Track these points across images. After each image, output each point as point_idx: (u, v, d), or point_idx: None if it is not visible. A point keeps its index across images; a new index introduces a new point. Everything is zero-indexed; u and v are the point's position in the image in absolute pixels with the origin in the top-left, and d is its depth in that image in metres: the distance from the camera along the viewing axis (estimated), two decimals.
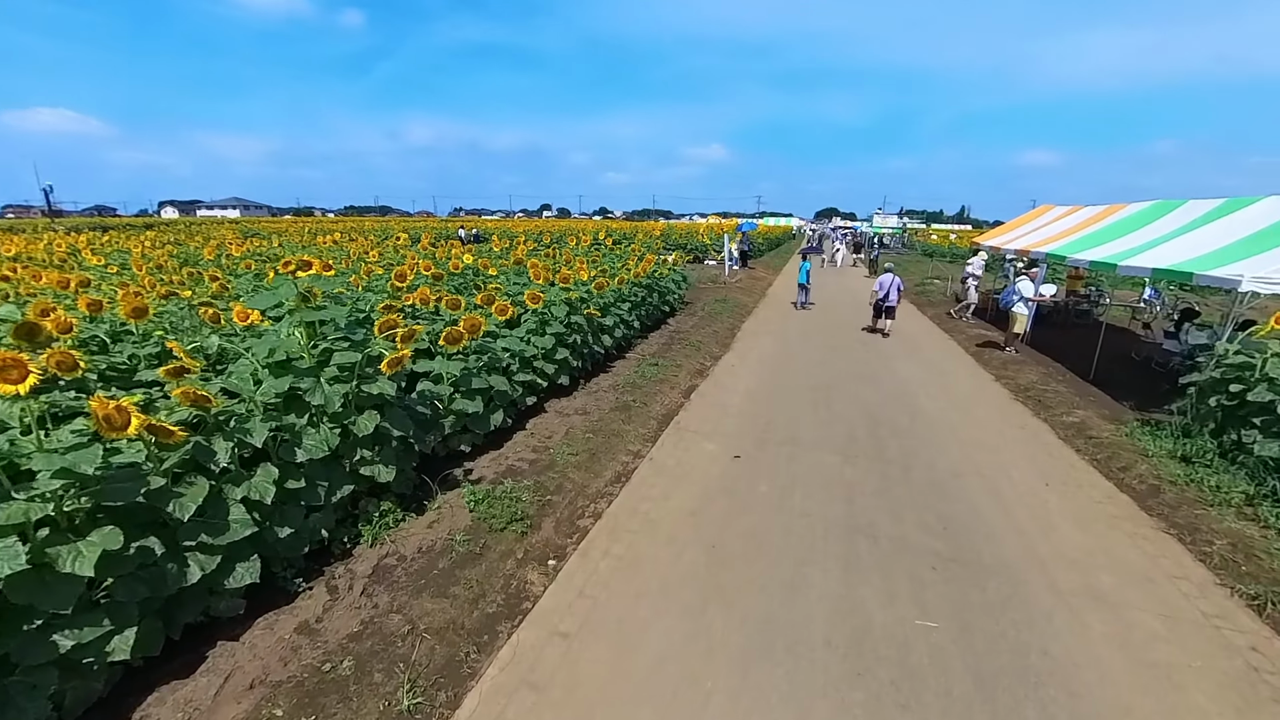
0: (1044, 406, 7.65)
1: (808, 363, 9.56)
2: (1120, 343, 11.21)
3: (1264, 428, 5.44)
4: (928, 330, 13.15)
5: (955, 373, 9.40)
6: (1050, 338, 11.93)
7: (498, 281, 7.88)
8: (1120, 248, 9.60)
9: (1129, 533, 4.68)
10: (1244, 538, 4.55)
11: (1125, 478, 5.63)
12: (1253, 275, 6.21)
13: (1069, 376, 9.24)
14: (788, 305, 16.12)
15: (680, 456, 5.75)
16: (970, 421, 7.08)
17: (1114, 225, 11.05)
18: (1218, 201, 9.04)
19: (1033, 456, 6.12)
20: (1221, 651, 3.42)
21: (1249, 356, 5.83)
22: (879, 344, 11.24)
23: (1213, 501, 5.05)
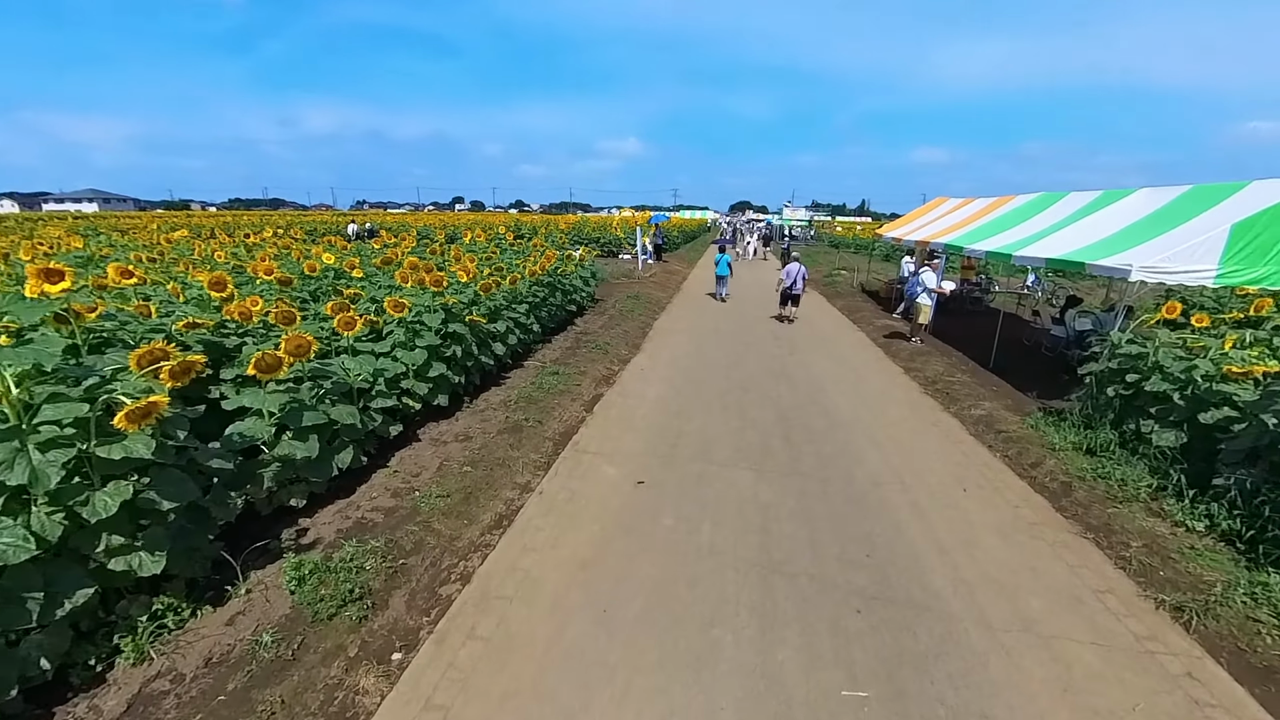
0: (952, 399, 7.55)
1: (721, 362, 9.06)
2: (1012, 329, 11.65)
3: (1160, 417, 5.45)
4: (838, 323, 13.17)
5: (866, 366, 9.25)
6: (949, 326, 12.22)
7: (359, 286, 6.70)
8: (1013, 238, 9.83)
9: (1050, 542, 4.42)
10: (1156, 537, 4.41)
11: (1037, 475, 5.47)
12: (1140, 265, 6.28)
13: (971, 365, 9.35)
14: (703, 299, 15.74)
15: (576, 487, 4.96)
16: (885, 421, 6.81)
17: (1005, 216, 11.42)
18: (1096, 194, 9.41)
19: (948, 456, 5.87)
20: (1160, 684, 3.11)
21: (1141, 346, 5.86)
22: (792, 338, 11.00)
23: (1122, 497, 4.93)
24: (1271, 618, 3.55)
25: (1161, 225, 7.09)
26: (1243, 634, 3.48)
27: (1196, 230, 6.46)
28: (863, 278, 19.73)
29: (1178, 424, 5.28)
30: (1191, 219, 6.81)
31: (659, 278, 19.07)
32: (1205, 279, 6.27)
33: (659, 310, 13.44)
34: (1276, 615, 3.55)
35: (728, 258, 15.41)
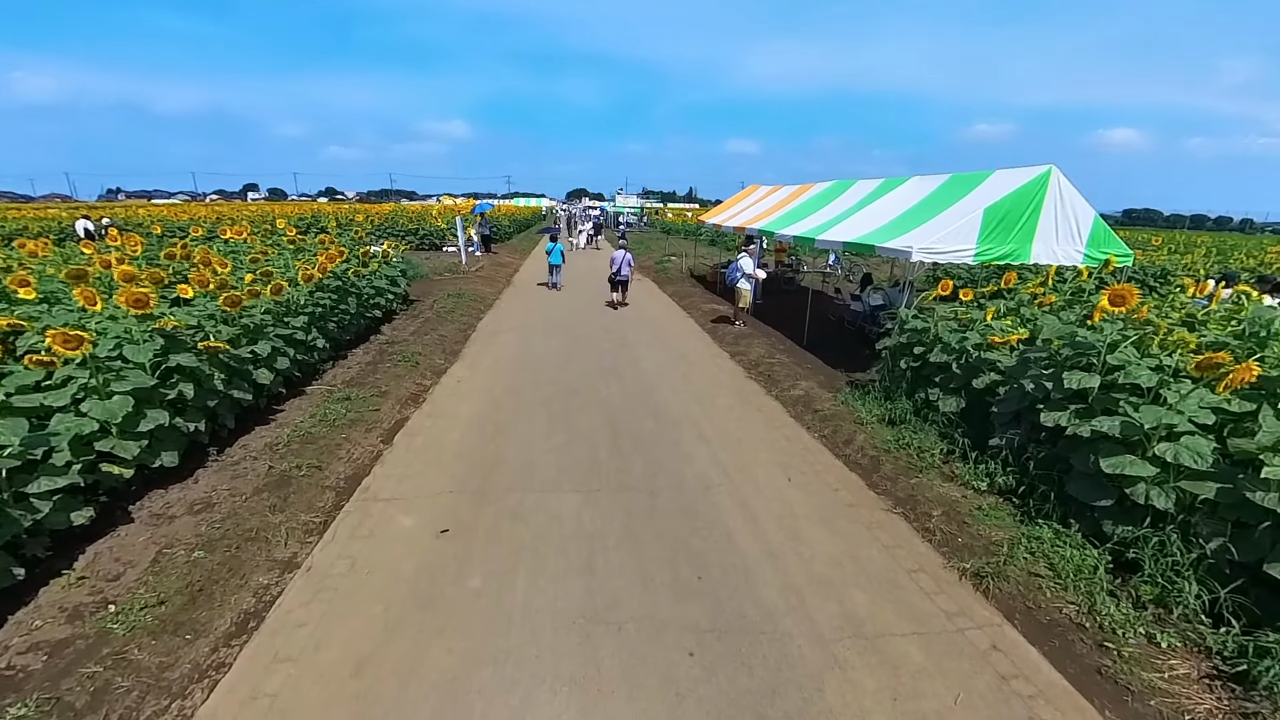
0: (773, 381, 7.76)
1: (550, 363, 8.39)
2: (821, 306, 12.66)
3: (943, 385, 5.97)
4: (668, 310, 13.25)
5: (695, 354, 9.25)
6: (768, 308, 12.94)
7: (26, 312, 4.81)
8: (814, 223, 10.51)
9: (867, 523, 4.51)
10: (952, 503, 4.72)
11: (850, 453, 5.69)
12: (919, 246, 6.88)
13: (789, 345, 9.85)
14: (535, 292, 14.90)
15: (359, 552, 3.97)
16: (714, 411, 6.71)
17: (807, 202, 12.26)
18: (878, 182, 10.38)
19: (773, 444, 5.89)
20: (972, 665, 3.16)
21: (924, 321, 6.40)
22: (623, 329, 10.71)
23: (920, 466, 5.27)
24: (1048, 570, 3.88)
25: (931, 210, 7.90)
26: (1028, 591, 3.74)
27: (958, 214, 7.25)
28: (691, 263, 20.37)
29: (957, 391, 5.82)
30: (954, 204, 7.65)
31: (487, 271, 17.77)
32: (967, 257, 7.07)
33: (485, 308, 12.34)
34: (1051, 567, 3.89)
35: (560, 246, 14.84)
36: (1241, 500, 3.32)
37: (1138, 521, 3.80)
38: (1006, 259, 7.16)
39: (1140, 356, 4.20)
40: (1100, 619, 3.46)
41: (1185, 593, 3.42)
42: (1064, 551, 3.95)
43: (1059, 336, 4.76)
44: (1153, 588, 3.56)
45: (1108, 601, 3.56)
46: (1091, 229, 7.29)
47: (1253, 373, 3.32)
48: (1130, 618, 3.44)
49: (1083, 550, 3.94)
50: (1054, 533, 4.14)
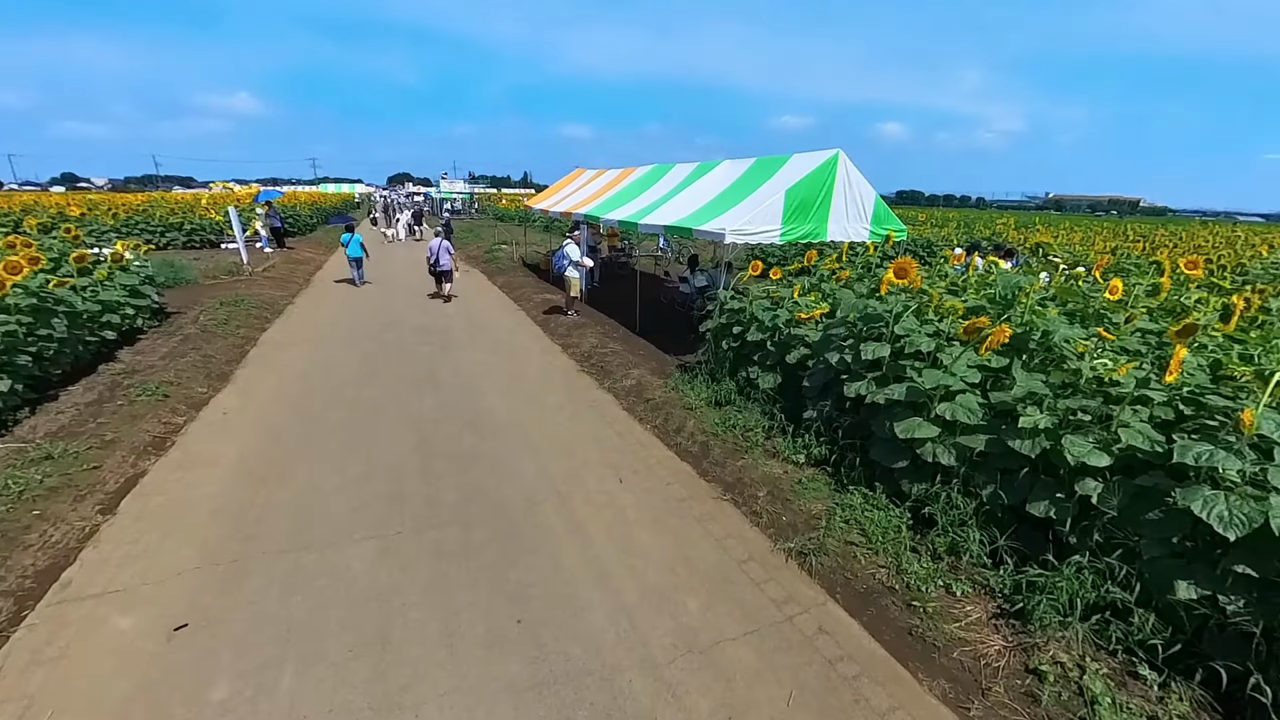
0: (606, 373, 7.49)
1: (350, 378, 7.21)
2: (652, 290, 12.76)
3: (761, 363, 6.13)
4: (498, 303, 12.39)
5: (525, 350, 8.64)
6: (603, 294, 12.73)
7: None
8: (637, 207, 10.40)
9: (698, 516, 4.38)
10: (774, 480, 4.79)
11: (681, 441, 5.58)
12: (731, 229, 6.99)
13: (622, 332, 9.68)
14: (339, 292, 13.01)
15: (41, 685, 2.82)
16: (543, 412, 6.22)
17: (630, 186, 12.15)
18: (694, 165, 10.55)
19: (605, 441, 5.57)
20: (801, 656, 3.11)
21: (741, 301, 6.52)
22: (445, 329, 9.70)
23: (746, 446, 5.32)
24: (860, 537, 4.05)
25: (741, 193, 8.12)
26: (846, 561, 3.86)
27: (764, 196, 7.51)
28: (524, 251, 19.50)
29: (774, 368, 6.00)
30: (760, 186, 7.93)
31: (280, 271, 15.16)
32: (774, 237, 7.37)
33: (272, 316, 10.39)
34: (863, 533, 4.06)
35: (358, 237, 13.12)
36: (1006, 449, 3.68)
37: (929, 478, 4.10)
38: (808, 237, 7.60)
39: (920, 324, 4.55)
40: (906, 578, 3.65)
41: (970, 540, 3.74)
42: (873, 515, 4.16)
43: (854, 310, 5.04)
44: (945, 539, 3.86)
45: (911, 559, 3.78)
46: (875, 208, 8.03)
47: (1005, 334, 3.67)
48: (930, 571, 3.68)
49: (888, 511, 4.18)
50: (863, 498, 4.35)
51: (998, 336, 3.68)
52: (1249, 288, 5.78)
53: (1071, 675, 2.97)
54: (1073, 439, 3.37)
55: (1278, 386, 2.87)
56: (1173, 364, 3.10)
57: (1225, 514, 2.76)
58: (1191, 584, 2.91)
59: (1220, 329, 3.60)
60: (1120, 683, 2.94)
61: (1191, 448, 2.93)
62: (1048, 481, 3.57)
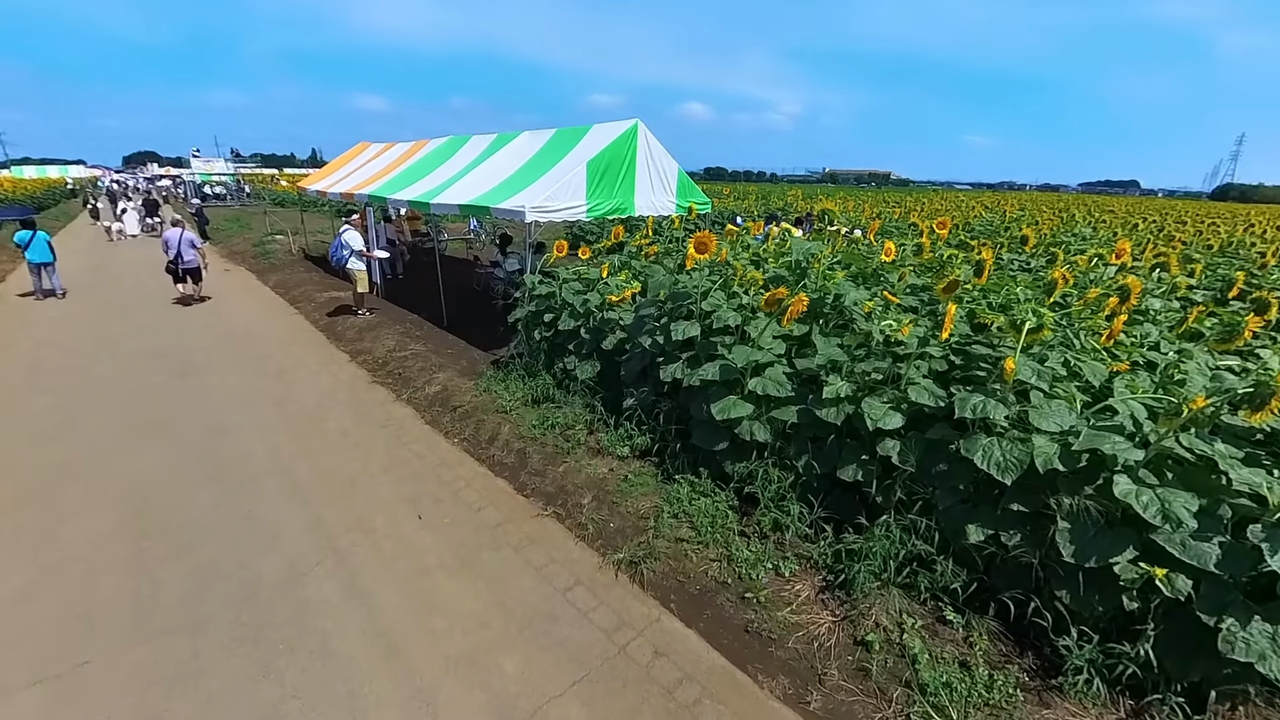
0: (405, 381, 6.43)
1: (30, 433, 5.19)
2: (465, 277, 11.60)
3: (577, 352, 5.65)
4: (268, 307, 10.25)
5: (300, 365, 7.12)
6: (407, 286, 11.26)
7: None
8: (430, 185, 9.17)
9: (515, 544, 3.77)
10: (599, 481, 4.36)
11: (495, 453, 4.89)
12: (531, 205, 6.31)
13: (428, 329, 8.54)
14: (23, 312, 9.65)
15: None
16: (319, 448, 5.04)
17: (422, 161, 10.73)
18: (492, 137, 9.58)
19: (401, 469, 4.67)
20: (636, 697, 2.70)
21: (551, 286, 5.93)
22: (188, 349, 7.63)
23: (569, 446, 4.81)
24: (690, 531, 3.79)
25: (542, 166, 7.45)
26: (678, 561, 3.56)
27: (565, 169, 6.94)
28: (306, 242, 16.65)
29: (590, 356, 5.54)
30: (561, 159, 7.34)
31: None
32: (580, 213, 6.87)
33: None
34: (693, 526, 3.81)
35: (43, 236, 9.85)
36: (814, 419, 3.64)
37: (749, 456, 3.98)
38: (616, 212, 7.25)
39: (727, 299, 4.39)
40: (738, 567, 3.46)
41: (792, 514, 3.68)
42: (700, 504, 3.93)
43: (662, 288, 4.75)
44: (768, 516, 3.75)
45: (740, 545, 3.61)
46: (678, 180, 7.95)
47: (804, 303, 3.59)
48: (758, 554, 3.54)
49: (714, 498, 3.98)
50: (689, 486, 4.11)
51: (797, 306, 3.59)
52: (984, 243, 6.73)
53: (893, 638, 2.99)
54: (870, 402, 3.41)
55: (1030, 334, 3.10)
56: (946, 321, 3.23)
57: (1000, 460, 2.91)
58: (979, 526, 3.08)
59: (976, 282, 3.93)
60: (933, 631, 3.03)
61: (968, 400, 3.06)
62: (853, 445, 3.60)
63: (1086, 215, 14.47)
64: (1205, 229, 10.80)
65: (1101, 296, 3.89)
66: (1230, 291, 4.43)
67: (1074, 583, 2.77)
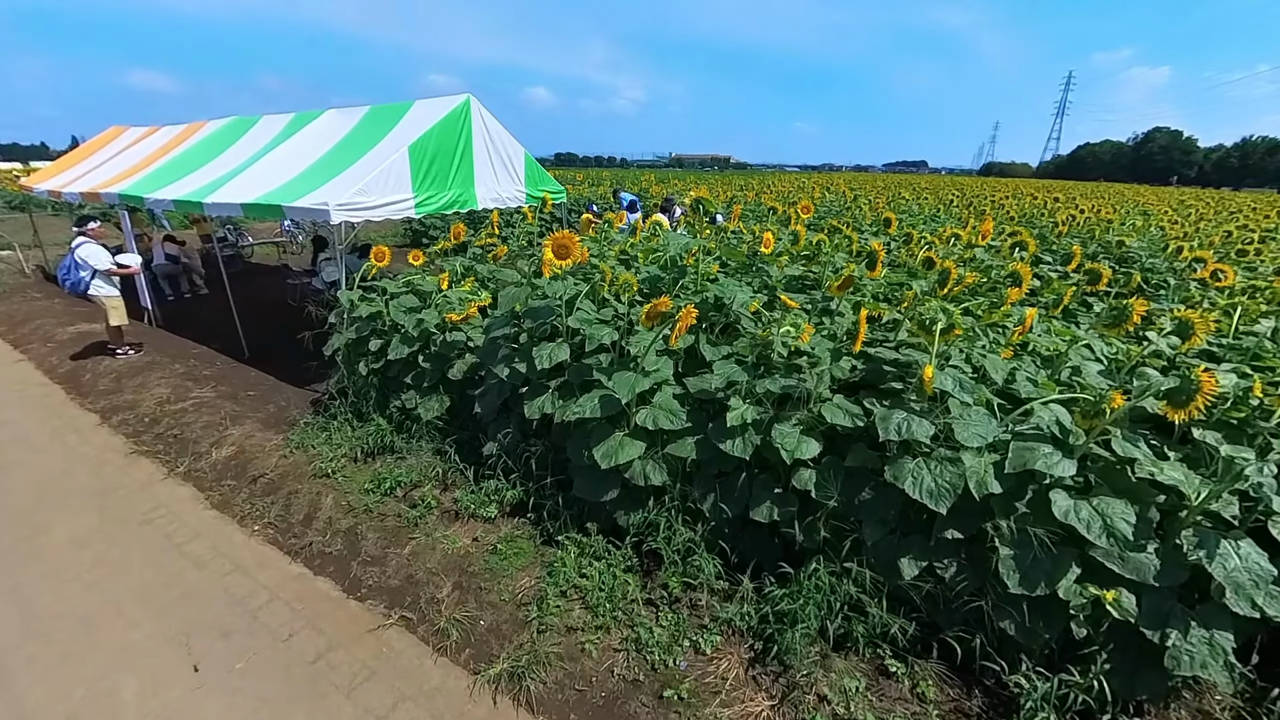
0: (183, 446, 4.81)
1: None
2: (275, 290, 9.54)
3: (417, 385, 4.53)
4: None
5: (18, 442, 5.06)
6: (200, 305, 8.99)
7: None
8: (206, 178, 7.17)
9: (346, 686, 2.70)
10: (462, 559, 3.40)
11: (312, 540, 3.66)
12: (337, 202, 4.98)
13: (221, 363, 6.70)
14: None
15: None
16: (36, 582, 3.43)
17: (195, 149, 8.48)
18: (288, 117, 7.77)
19: (168, 593, 3.28)
20: None
21: (374, 303, 4.70)
22: None
23: (417, 514, 3.74)
24: (585, 613, 2.99)
25: (353, 153, 6.03)
26: (574, 663, 2.76)
27: (381, 156, 5.64)
28: (49, 256, 12.84)
29: (435, 388, 4.47)
30: (377, 143, 5.99)
31: None
32: (407, 209, 5.64)
33: None
34: (586, 605, 3.03)
35: None
36: (717, 452, 3.03)
37: (645, 504, 3.27)
38: (454, 206, 6.11)
39: (598, 310, 3.62)
40: (649, 654, 2.76)
41: (705, 570, 3.05)
42: (593, 571, 3.16)
43: (515, 301, 3.83)
44: (676, 576, 3.10)
45: (647, 620, 2.92)
46: (526, 167, 6.97)
47: (693, 315, 2.94)
48: (672, 630, 2.87)
49: (608, 559, 3.23)
50: (577, 548, 3.32)
51: (686, 319, 2.93)
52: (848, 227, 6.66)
53: (840, 711, 2.49)
54: (781, 429, 2.85)
55: (942, 335, 2.73)
56: (860, 329, 2.76)
57: (933, 486, 2.50)
58: (911, 559, 2.67)
59: (870, 275, 3.56)
60: (878, 690, 2.59)
61: (890, 418, 2.62)
62: (765, 479, 3.05)
63: (910, 194, 15.89)
64: (1024, 203, 12.20)
65: (994, 285, 3.74)
66: (1070, 264, 4.63)
67: (1018, 612, 2.46)
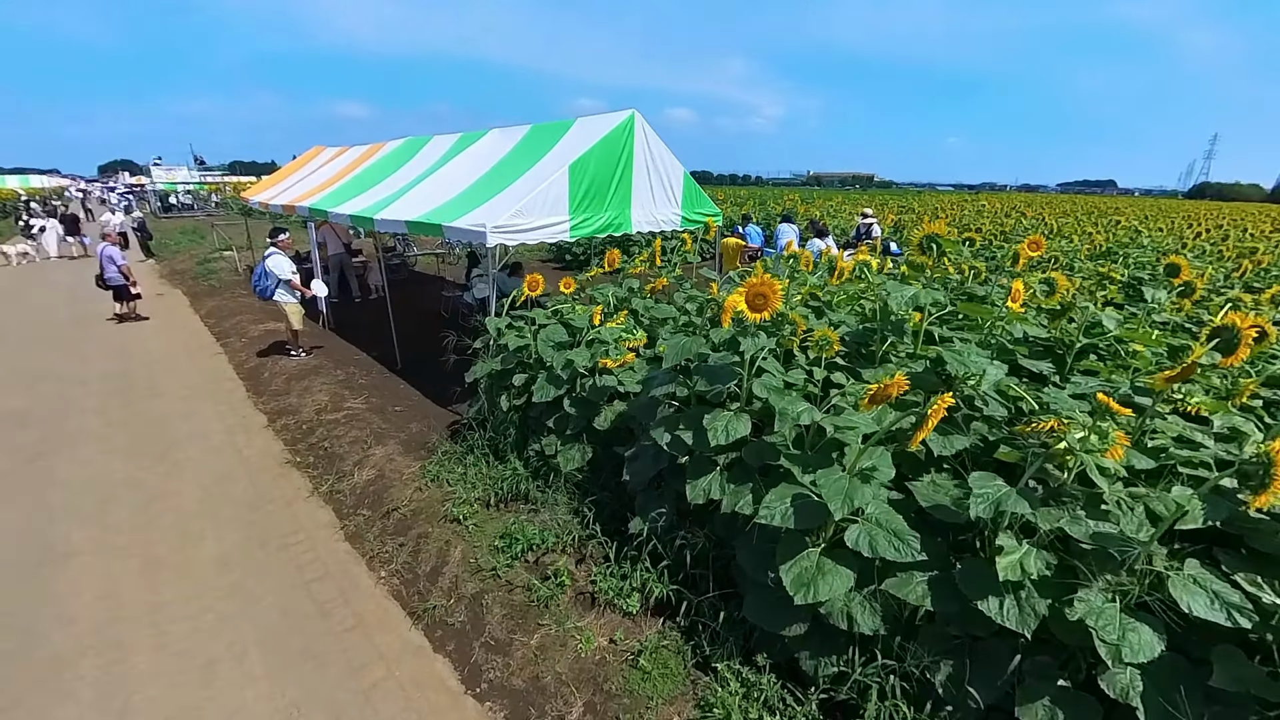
0: (331, 462, 4.78)
1: None
2: (432, 299, 9.95)
3: (560, 431, 4.04)
4: (188, 344, 8.49)
5: (198, 438, 5.40)
6: (367, 311, 9.60)
7: None
8: (378, 196, 7.52)
9: None
10: (596, 671, 2.76)
11: (436, 603, 3.25)
12: (495, 224, 4.72)
13: (375, 373, 6.88)
14: None
15: None
16: (174, 606, 3.38)
17: (373, 168, 9.07)
18: (455, 137, 7.98)
19: (286, 657, 3.02)
20: None
21: (521, 336, 4.32)
22: (64, 400, 5.90)
23: (547, 595, 3.18)
24: None
25: (512, 172, 5.85)
26: None
27: (542, 175, 5.35)
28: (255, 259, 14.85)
29: (578, 437, 3.95)
30: (537, 162, 5.75)
31: None
32: (562, 233, 5.28)
33: None
34: None
35: None
36: (966, 608, 2.09)
37: (843, 650, 2.41)
38: (608, 229, 5.68)
39: (785, 375, 2.83)
40: None
41: None
42: None
43: (684, 351, 3.14)
44: None
45: None
46: (684, 187, 6.40)
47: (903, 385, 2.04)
48: None
49: (784, 713, 2.41)
50: (741, 685, 2.54)
51: (894, 389, 2.05)
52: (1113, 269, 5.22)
53: None
54: (1091, 604, 1.86)
55: None
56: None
57: None
58: None
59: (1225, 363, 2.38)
60: None
61: None
62: (1044, 664, 2.05)
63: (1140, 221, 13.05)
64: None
65: None
66: None
67: None
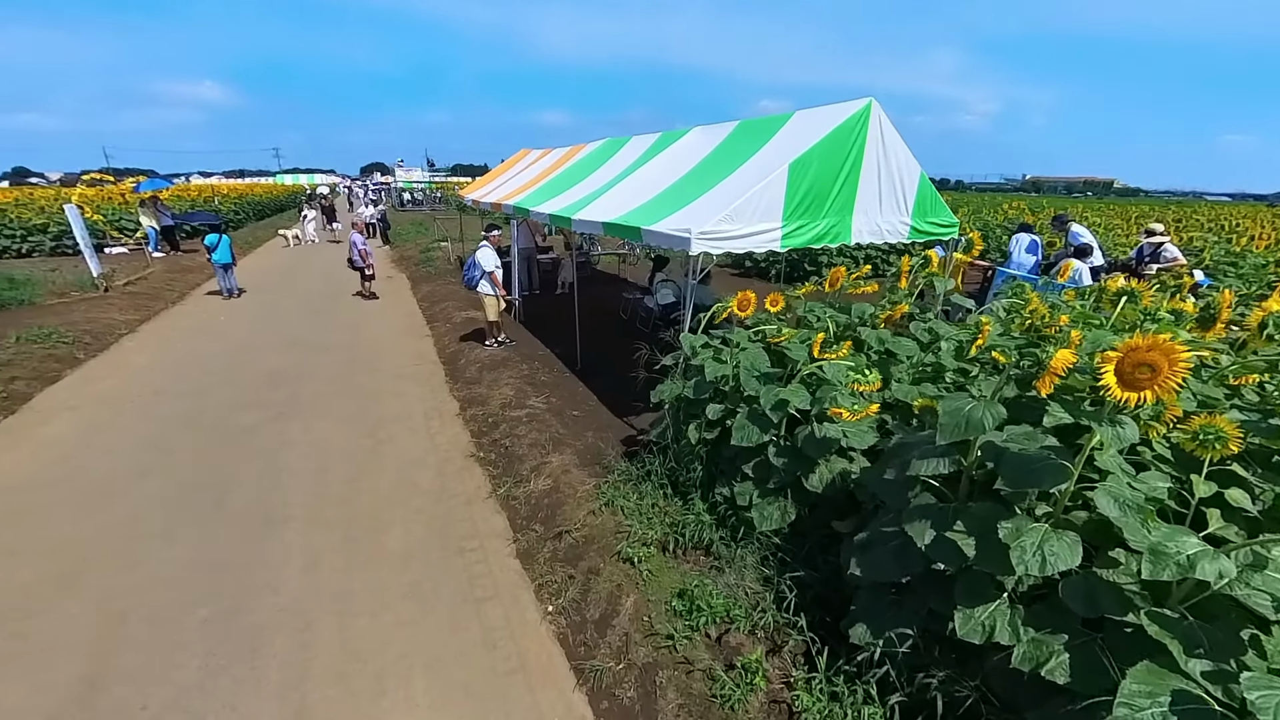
0: (510, 463, 4.71)
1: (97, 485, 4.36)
2: (612, 299, 9.98)
3: (759, 479, 3.39)
4: (405, 325, 9.46)
5: (402, 418, 5.76)
6: (554, 305, 9.93)
7: None
8: (576, 196, 7.56)
9: None
10: None
11: (603, 665, 2.81)
12: (700, 230, 4.21)
13: (556, 371, 6.89)
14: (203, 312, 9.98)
15: None
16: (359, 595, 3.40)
17: (574, 168, 9.26)
18: (655, 136, 7.74)
19: (445, 685, 2.81)
20: None
21: (722, 361, 3.74)
22: (308, 368, 6.82)
23: (735, 696, 2.57)
24: None
25: (718, 171, 5.33)
26: None
27: (754, 175, 4.72)
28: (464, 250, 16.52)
29: (780, 491, 3.26)
30: (747, 160, 5.15)
31: (153, 283, 12.01)
32: (773, 241, 4.60)
33: (83, 358, 7.42)
34: None
35: (226, 239, 10.55)
36: None
37: None
38: (825, 240, 4.87)
39: (1134, 476, 1.85)
40: None
41: None
42: None
43: (961, 421, 2.25)
44: None
45: None
46: (918, 191, 5.32)
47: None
48: None
49: None
50: None
51: None
52: None
53: None
54: None
55: None
56: None
57: None
58: None
59: None
60: None
61: None
62: None
63: None
64: None
65: None
66: None
67: None
